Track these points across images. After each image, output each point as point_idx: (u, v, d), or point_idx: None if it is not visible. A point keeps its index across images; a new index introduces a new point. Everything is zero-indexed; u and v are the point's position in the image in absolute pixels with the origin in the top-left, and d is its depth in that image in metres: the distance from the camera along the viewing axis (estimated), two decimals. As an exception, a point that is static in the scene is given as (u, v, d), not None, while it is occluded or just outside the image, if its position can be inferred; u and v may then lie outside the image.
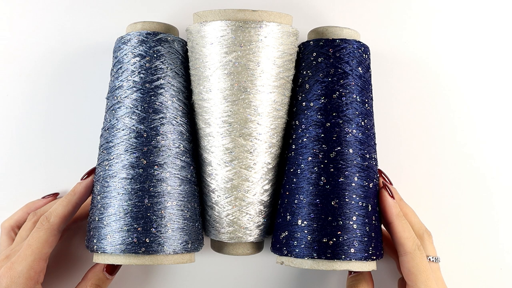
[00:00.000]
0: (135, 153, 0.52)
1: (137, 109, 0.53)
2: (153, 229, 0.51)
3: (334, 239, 0.51)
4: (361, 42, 0.55)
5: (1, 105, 0.62)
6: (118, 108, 0.54)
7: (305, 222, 0.52)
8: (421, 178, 0.62)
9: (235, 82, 0.52)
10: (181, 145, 0.54)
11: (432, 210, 0.62)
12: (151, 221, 0.51)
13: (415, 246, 0.53)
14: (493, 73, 0.63)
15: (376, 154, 0.55)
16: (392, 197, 0.54)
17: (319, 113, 0.53)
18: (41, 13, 0.63)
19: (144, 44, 0.54)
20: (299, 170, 0.53)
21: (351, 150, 0.52)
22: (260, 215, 0.55)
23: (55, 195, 0.61)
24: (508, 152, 0.62)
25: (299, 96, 0.55)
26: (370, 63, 0.56)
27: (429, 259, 0.54)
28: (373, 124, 0.56)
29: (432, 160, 0.62)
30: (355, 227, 0.51)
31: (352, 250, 0.51)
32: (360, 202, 0.52)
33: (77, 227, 0.61)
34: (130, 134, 0.53)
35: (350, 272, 0.56)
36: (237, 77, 0.52)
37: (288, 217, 0.53)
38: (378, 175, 0.55)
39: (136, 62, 0.54)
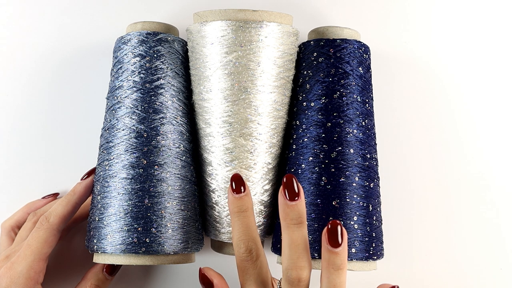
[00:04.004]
0: (135, 153, 0.52)
1: (137, 109, 0.53)
2: (153, 229, 0.51)
3: (335, 239, 0.51)
4: (361, 42, 0.55)
5: (1, 105, 0.62)
6: (118, 108, 0.53)
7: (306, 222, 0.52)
8: (421, 178, 0.62)
9: (235, 82, 0.52)
10: (181, 145, 0.54)
11: (432, 210, 0.62)
12: (151, 221, 0.51)
13: None
14: (493, 73, 0.63)
15: (376, 154, 0.55)
16: None
17: (319, 113, 0.53)
18: (41, 13, 0.63)
19: (144, 44, 0.54)
20: (299, 170, 0.53)
21: (352, 150, 0.53)
22: (260, 215, 0.55)
23: (55, 195, 0.61)
24: (509, 152, 0.62)
25: (299, 96, 0.55)
26: (370, 63, 0.56)
27: None
28: (374, 124, 0.56)
29: (433, 159, 0.62)
30: (356, 227, 0.51)
31: (353, 250, 0.51)
32: (361, 202, 0.52)
33: (77, 227, 0.60)
34: (130, 134, 0.53)
35: None
36: (237, 77, 0.52)
37: (288, 217, 0.53)
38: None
39: (136, 62, 0.54)
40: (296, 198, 0.46)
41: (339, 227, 0.45)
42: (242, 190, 0.49)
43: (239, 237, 0.48)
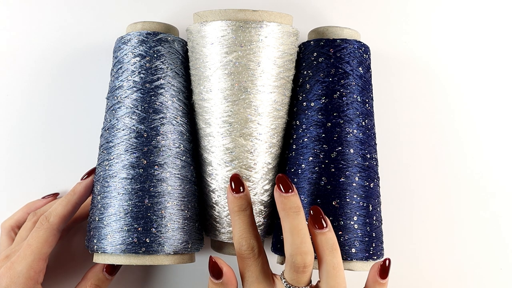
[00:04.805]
0: (135, 153, 0.52)
1: (137, 109, 0.53)
2: (154, 229, 0.51)
3: (335, 239, 0.51)
4: (361, 42, 0.55)
5: (1, 105, 0.62)
6: (118, 108, 0.53)
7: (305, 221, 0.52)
8: (421, 178, 0.62)
9: (235, 82, 0.52)
10: (181, 145, 0.54)
11: (432, 210, 0.62)
12: (152, 221, 0.51)
13: None
14: (493, 73, 0.63)
15: (376, 154, 0.55)
16: None
17: (319, 113, 0.53)
18: (41, 13, 0.63)
19: (144, 44, 0.54)
20: (299, 170, 0.53)
21: (352, 150, 0.52)
22: (260, 215, 0.55)
23: (55, 195, 0.61)
24: (509, 152, 0.62)
25: (299, 96, 0.55)
26: (370, 63, 0.56)
27: None
28: (374, 124, 0.56)
29: (432, 159, 0.62)
30: (356, 227, 0.51)
31: (353, 250, 0.51)
32: (361, 202, 0.52)
33: (77, 227, 0.60)
34: (130, 134, 0.53)
35: None
36: (237, 77, 0.52)
37: (288, 217, 0.53)
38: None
39: (136, 62, 0.53)
40: (291, 190, 0.49)
41: (320, 210, 0.49)
42: (241, 190, 0.51)
43: (240, 235, 0.49)
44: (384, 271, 0.50)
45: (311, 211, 0.49)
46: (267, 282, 0.49)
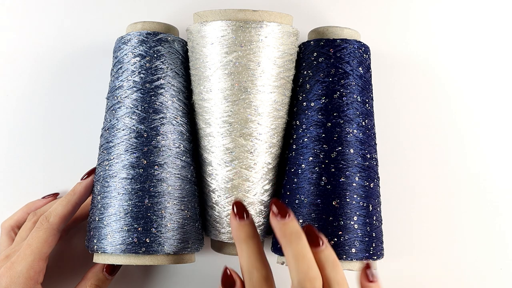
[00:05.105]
0: (135, 153, 0.52)
1: (137, 109, 0.53)
2: (154, 229, 0.51)
3: (335, 239, 0.51)
4: (361, 42, 0.55)
5: (1, 105, 0.62)
6: (118, 108, 0.53)
7: (306, 222, 0.52)
8: (421, 178, 0.62)
9: (235, 82, 0.52)
10: (181, 145, 0.54)
11: (432, 210, 0.62)
12: (152, 221, 0.51)
13: None
14: (494, 73, 0.63)
15: (376, 154, 0.55)
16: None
17: (319, 113, 0.53)
18: (41, 13, 0.63)
19: (144, 44, 0.54)
20: (300, 170, 0.53)
21: (352, 150, 0.53)
22: (260, 215, 0.55)
23: (55, 195, 0.61)
24: (509, 152, 0.62)
25: (299, 96, 0.55)
26: (370, 63, 0.56)
27: None
28: (374, 124, 0.56)
29: (433, 159, 0.62)
30: (356, 227, 0.51)
31: (353, 250, 0.51)
32: (361, 202, 0.52)
33: (77, 227, 0.60)
34: (130, 134, 0.53)
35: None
36: (237, 77, 0.52)
37: (288, 217, 0.53)
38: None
39: (136, 62, 0.54)
40: (288, 215, 0.46)
41: (314, 229, 0.47)
42: (245, 216, 0.48)
43: (252, 264, 0.47)
44: (371, 275, 0.49)
45: (305, 230, 0.47)
46: None
